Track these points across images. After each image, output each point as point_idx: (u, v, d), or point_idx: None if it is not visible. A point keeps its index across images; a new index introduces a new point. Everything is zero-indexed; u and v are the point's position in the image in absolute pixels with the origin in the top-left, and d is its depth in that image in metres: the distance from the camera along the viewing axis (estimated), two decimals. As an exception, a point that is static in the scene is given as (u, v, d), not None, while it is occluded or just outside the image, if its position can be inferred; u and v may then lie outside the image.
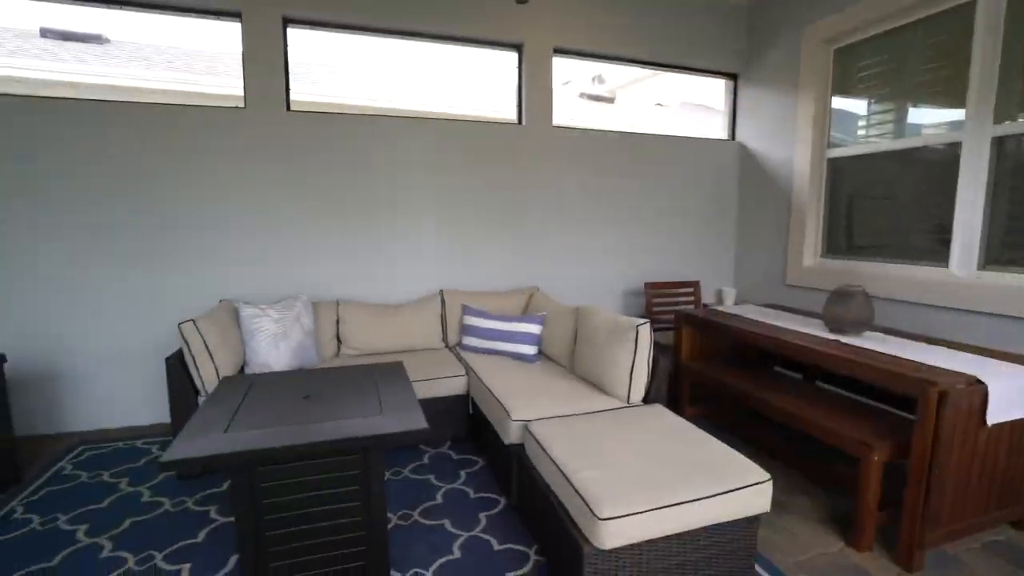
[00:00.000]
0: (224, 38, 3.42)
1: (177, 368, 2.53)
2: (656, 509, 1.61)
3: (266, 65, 3.21)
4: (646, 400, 2.52)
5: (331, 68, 6.13)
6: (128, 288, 3.14)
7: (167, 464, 1.44)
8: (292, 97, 3.35)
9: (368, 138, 3.43)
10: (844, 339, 2.53)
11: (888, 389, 2.08)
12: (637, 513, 1.59)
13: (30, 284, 2.99)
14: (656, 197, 4.19)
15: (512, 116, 3.89)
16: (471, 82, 6.48)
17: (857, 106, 3.57)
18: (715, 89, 4.67)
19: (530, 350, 3.04)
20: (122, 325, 3.16)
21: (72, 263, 3.04)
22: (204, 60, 5.83)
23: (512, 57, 3.83)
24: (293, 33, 3.33)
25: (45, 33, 5.66)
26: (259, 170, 3.26)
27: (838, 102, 3.63)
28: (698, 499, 1.65)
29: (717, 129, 4.60)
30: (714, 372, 2.99)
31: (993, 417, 1.93)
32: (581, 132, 3.93)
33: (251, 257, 3.31)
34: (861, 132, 3.53)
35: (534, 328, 3.05)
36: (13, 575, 1.92)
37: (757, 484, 1.75)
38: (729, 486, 1.71)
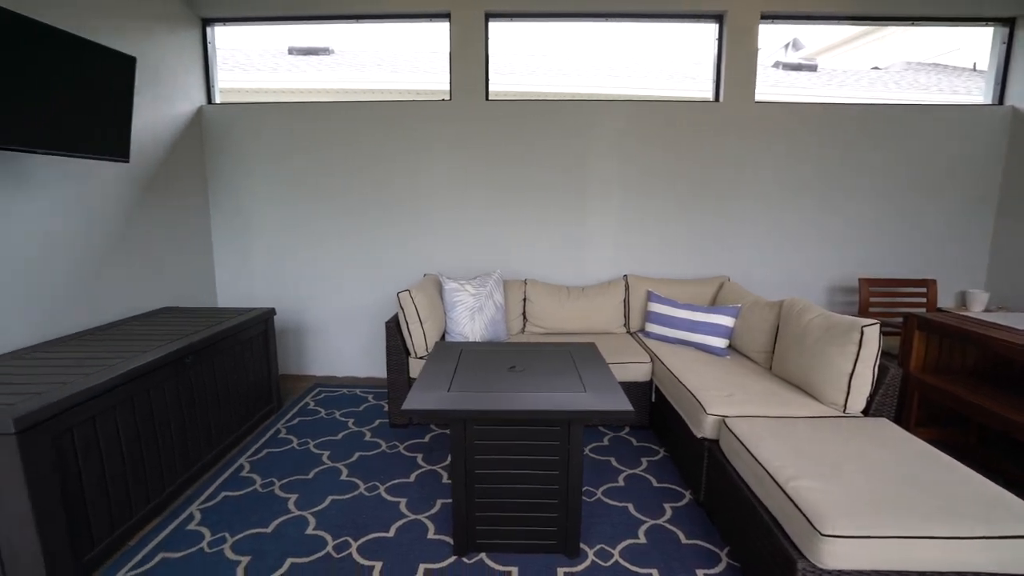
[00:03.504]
0: (426, 38, 3.78)
1: (394, 331, 2.93)
2: (899, 538, 1.39)
3: (470, 59, 3.48)
4: (866, 412, 2.19)
5: (524, 56, 6.37)
6: (356, 259, 3.74)
7: (407, 411, 1.68)
8: (490, 88, 3.58)
9: (559, 123, 3.52)
10: None
11: None
12: (872, 537, 1.39)
13: (292, 254, 3.75)
14: (876, 178, 3.55)
15: (707, 94, 3.63)
16: (664, 61, 6.20)
17: None
18: (963, 42, 3.75)
19: (720, 343, 2.85)
20: (349, 290, 3.78)
21: (317, 238, 3.72)
22: (407, 60, 6.55)
23: (710, 29, 3.56)
24: (493, 26, 3.54)
25: (291, 51, 6.92)
26: (462, 155, 3.58)
27: None
28: (959, 538, 1.39)
29: (965, 92, 3.70)
30: (958, 390, 2.47)
31: None
32: (784, 106, 3.50)
33: (451, 234, 3.68)
34: None
35: (726, 320, 2.85)
36: (283, 479, 2.46)
37: (1046, 535, 1.41)
38: (1006, 531, 1.40)
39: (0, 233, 2.20)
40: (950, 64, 5.87)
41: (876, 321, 2.10)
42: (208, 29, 3.59)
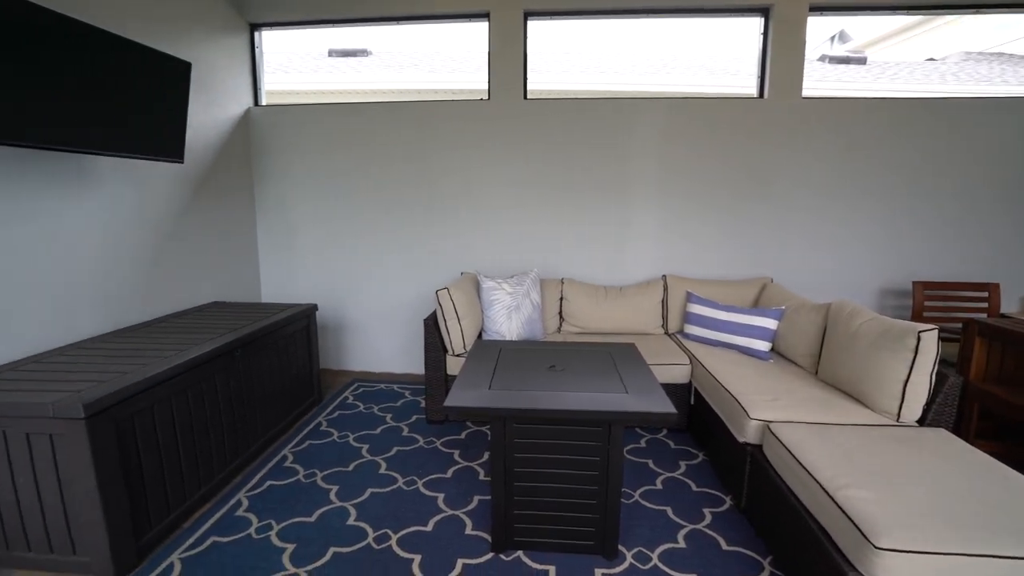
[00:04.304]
0: (463, 38, 3.81)
1: (432, 328, 2.97)
2: (962, 555, 1.32)
3: (509, 58, 3.48)
4: (921, 422, 2.09)
5: (560, 55, 6.35)
6: (393, 257, 3.81)
7: (450, 408, 1.70)
8: (528, 86, 3.58)
9: (598, 121, 3.49)
10: None
11: None
12: (932, 553, 1.33)
13: (331, 251, 3.85)
14: (930, 175, 3.37)
15: (749, 90, 3.53)
16: (704, 56, 6.07)
17: None
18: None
19: (763, 346, 2.77)
20: (386, 287, 3.85)
21: (355, 236, 3.81)
22: (443, 60, 6.61)
23: (755, 23, 3.45)
24: (532, 25, 3.53)
25: (331, 53, 7.09)
26: (500, 154, 3.60)
27: None
28: (1029, 557, 1.31)
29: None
30: None
31: None
32: (833, 102, 3.36)
33: (488, 232, 3.70)
34: None
35: (769, 323, 2.77)
36: (325, 471, 2.52)
37: None
38: (1083, 552, 1.31)
39: (68, 230, 2.34)
40: (1016, 53, 5.52)
41: (934, 326, 2.00)
42: (256, 34, 3.72)
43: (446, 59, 6.77)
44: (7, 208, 2.08)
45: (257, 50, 3.75)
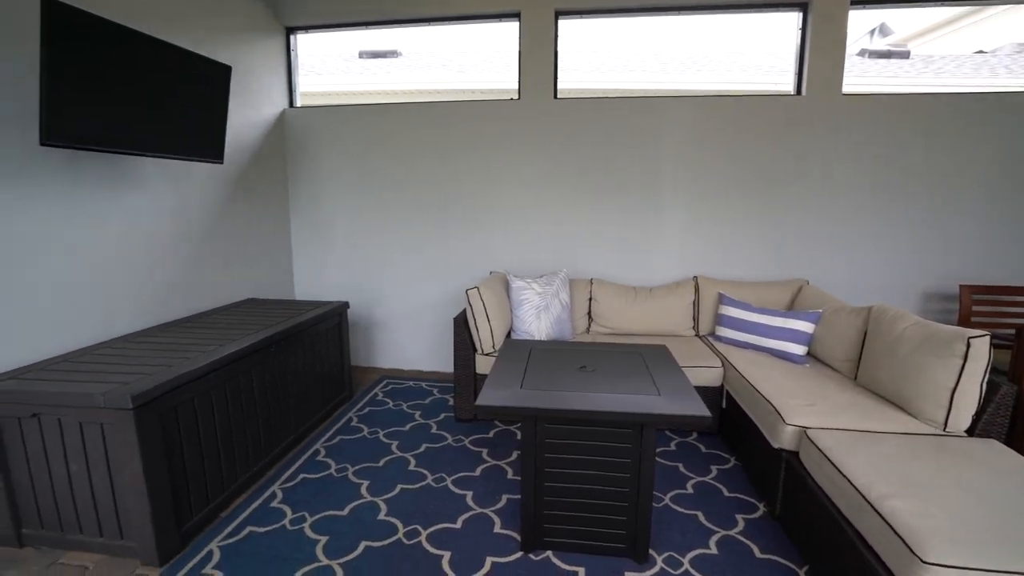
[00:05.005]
0: (491, 38, 3.82)
1: (462, 327, 2.99)
2: (1019, 574, 1.26)
3: (539, 58, 3.47)
4: (970, 432, 2.00)
5: (589, 53, 6.30)
6: (422, 257, 3.84)
7: (481, 407, 1.71)
8: (559, 85, 3.56)
9: (628, 120, 3.45)
10: None
11: None
12: (985, 571, 1.27)
13: (362, 250, 3.91)
14: (980, 174, 3.21)
15: (785, 87, 3.44)
16: (737, 52, 5.94)
17: None
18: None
19: (798, 350, 2.70)
20: (416, 286, 3.90)
21: (386, 235, 3.86)
22: (471, 60, 6.64)
23: (792, 18, 3.36)
24: (562, 24, 3.52)
25: (362, 55, 7.20)
26: (530, 153, 3.59)
27: None
28: (1091, 577, 1.24)
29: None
30: (1082, 412, 2.20)
31: None
32: (875, 98, 3.24)
33: (517, 232, 3.70)
34: None
35: (805, 326, 2.69)
36: (356, 466, 2.57)
37: None
38: None
39: (116, 229, 2.44)
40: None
41: (986, 332, 1.91)
42: (291, 37, 3.81)
43: (475, 59, 6.79)
44: (64, 208, 2.18)
45: (292, 52, 3.84)
